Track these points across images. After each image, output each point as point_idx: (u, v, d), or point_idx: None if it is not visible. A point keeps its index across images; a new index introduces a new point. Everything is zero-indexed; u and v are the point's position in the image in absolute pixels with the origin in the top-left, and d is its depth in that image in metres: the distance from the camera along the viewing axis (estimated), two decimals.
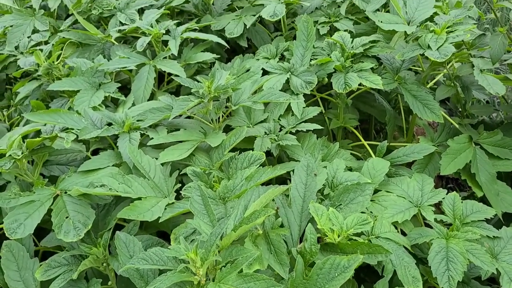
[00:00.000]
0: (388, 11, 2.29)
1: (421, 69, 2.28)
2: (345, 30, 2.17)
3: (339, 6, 2.34)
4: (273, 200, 1.29)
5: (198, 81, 1.78)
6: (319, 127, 1.77)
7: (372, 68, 1.89)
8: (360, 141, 2.10)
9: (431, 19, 1.96)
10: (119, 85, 1.96)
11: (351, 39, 2.02)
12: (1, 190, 1.72)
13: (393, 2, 1.95)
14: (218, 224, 1.10)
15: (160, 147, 1.65)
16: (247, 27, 2.25)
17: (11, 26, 2.47)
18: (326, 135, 2.13)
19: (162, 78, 2.29)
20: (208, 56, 2.04)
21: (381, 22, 1.88)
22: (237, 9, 2.68)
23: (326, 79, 1.92)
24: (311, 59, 1.97)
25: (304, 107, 1.85)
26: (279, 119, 1.87)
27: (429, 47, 1.79)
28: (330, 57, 1.94)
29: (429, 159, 1.90)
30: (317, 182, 1.44)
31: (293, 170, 1.52)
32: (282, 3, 2.19)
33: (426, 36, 1.82)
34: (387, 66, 2.03)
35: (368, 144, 2.04)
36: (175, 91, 2.27)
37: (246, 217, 1.08)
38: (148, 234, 1.46)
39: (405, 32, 1.92)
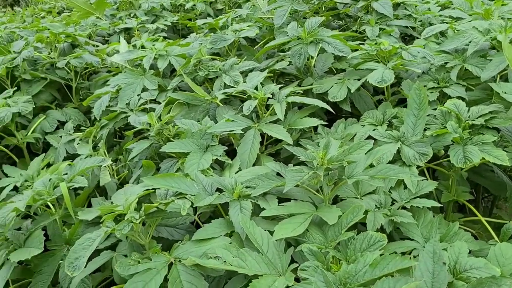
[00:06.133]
0: (504, 76, 2.17)
1: None
2: (457, 97, 2.07)
3: (448, 71, 2.25)
4: None
5: (302, 147, 1.76)
6: (437, 204, 1.65)
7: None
8: (471, 215, 1.94)
9: None
10: (226, 148, 1.99)
11: (467, 107, 1.91)
12: (112, 249, 1.78)
13: None
14: None
15: (268, 217, 1.62)
16: (351, 91, 2.21)
17: (124, 84, 2.64)
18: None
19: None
20: (314, 122, 2.02)
21: (505, 93, 1.76)
22: (334, 70, 2.68)
23: (443, 151, 1.81)
24: (424, 129, 1.87)
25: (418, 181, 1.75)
26: (389, 191, 1.77)
27: None
28: (445, 127, 1.84)
29: None
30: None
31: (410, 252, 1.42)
32: (389, 68, 2.15)
33: None
34: (508, 137, 1.88)
35: (486, 221, 1.87)
36: (275, 153, 2.26)
37: None
38: None
39: None
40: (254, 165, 1.95)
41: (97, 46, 3.78)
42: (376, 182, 1.50)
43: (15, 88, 3.07)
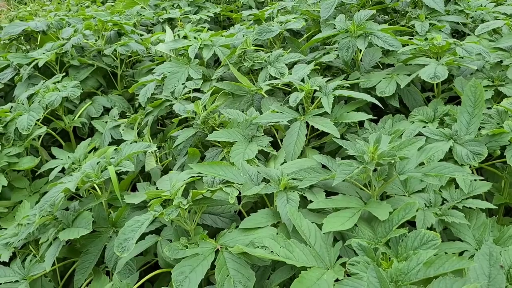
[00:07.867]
0: None
1: None
2: None
3: (503, 70, 2.15)
4: None
5: (347, 140, 1.72)
6: (492, 206, 1.59)
7: None
8: None
9: None
10: (271, 139, 1.98)
11: None
12: (156, 233, 1.80)
13: None
14: None
15: (314, 210, 1.61)
16: (401, 87, 2.16)
17: (169, 72, 2.67)
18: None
19: None
20: (363, 117, 1.98)
21: None
22: (380, 65, 2.62)
23: (499, 152, 1.74)
24: (479, 128, 1.80)
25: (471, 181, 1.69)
26: (440, 190, 1.72)
27: None
28: (502, 127, 1.76)
29: None
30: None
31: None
32: (442, 64, 2.08)
33: None
34: None
35: None
36: (318, 147, 2.23)
37: None
38: None
39: None
40: (299, 157, 1.94)
41: (142, 35, 3.84)
42: (430, 180, 1.46)
43: (64, 74, 3.16)
